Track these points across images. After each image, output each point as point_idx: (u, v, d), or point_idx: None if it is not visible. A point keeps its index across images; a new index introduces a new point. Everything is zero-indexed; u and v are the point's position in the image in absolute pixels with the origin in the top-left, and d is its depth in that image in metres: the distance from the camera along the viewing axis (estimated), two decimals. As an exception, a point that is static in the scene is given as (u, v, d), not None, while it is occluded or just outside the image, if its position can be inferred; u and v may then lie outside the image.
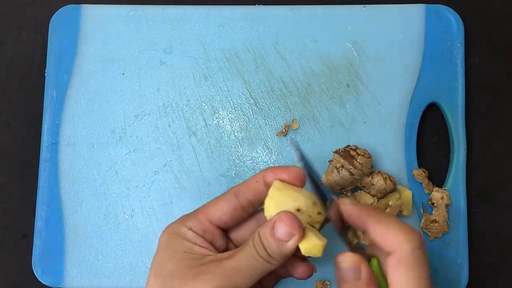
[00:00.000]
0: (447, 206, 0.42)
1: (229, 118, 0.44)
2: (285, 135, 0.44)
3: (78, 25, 0.46)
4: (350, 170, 0.39)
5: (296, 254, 0.30)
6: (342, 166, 0.39)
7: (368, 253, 0.30)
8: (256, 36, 0.45)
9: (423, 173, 0.43)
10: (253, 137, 0.44)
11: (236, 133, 0.44)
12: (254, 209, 0.33)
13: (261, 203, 0.31)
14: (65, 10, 0.46)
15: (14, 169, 0.46)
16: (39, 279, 0.42)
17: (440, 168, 0.44)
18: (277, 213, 0.29)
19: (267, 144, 0.44)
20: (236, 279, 0.29)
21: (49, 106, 0.45)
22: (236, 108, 0.45)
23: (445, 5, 0.45)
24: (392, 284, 0.27)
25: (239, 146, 0.44)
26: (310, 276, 0.33)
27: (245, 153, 0.44)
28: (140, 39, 0.45)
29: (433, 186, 0.43)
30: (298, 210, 0.30)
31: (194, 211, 0.33)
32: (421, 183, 0.43)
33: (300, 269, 0.33)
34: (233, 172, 0.44)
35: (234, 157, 0.44)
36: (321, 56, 0.45)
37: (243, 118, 0.44)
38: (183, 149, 0.44)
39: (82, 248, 0.43)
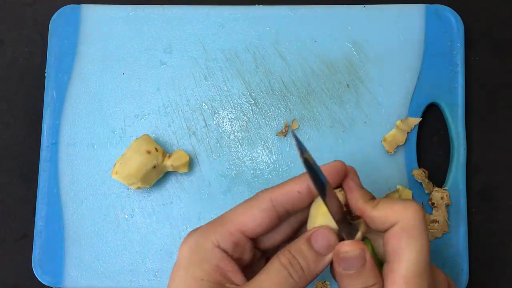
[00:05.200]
0: (447, 206, 0.42)
1: (229, 118, 0.44)
2: (285, 135, 0.44)
3: (78, 25, 0.46)
4: None
5: None
6: None
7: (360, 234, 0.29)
8: (256, 36, 0.45)
9: (423, 173, 0.43)
10: (253, 137, 0.44)
11: (236, 133, 0.44)
12: (290, 216, 0.29)
13: (299, 211, 0.29)
14: (65, 10, 0.46)
15: (14, 169, 0.46)
16: (39, 279, 0.42)
17: (440, 168, 0.44)
18: (313, 228, 0.28)
19: (267, 144, 0.44)
20: None
21: (49, 106, 0.45)
22: (236, 108, 0.44)
23: (445, 5, 0.45)
24: (394, 252, 0.26)
25: (239, 146, 0.44)
26: None
27: (245, 153, 0.44)
28: (140, 39, 0.45)
29: (433, 186, 0.43)
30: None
31: (220, 218, 0.29)
32: (421, 183, 0.43)
33: None
34: (233, 172, 0.44)
35: (234, 157, 0.44)
36: (321, 56, 0.45)
37: (243, 118, 0.44)
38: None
39: (82, 248, 0.43)
